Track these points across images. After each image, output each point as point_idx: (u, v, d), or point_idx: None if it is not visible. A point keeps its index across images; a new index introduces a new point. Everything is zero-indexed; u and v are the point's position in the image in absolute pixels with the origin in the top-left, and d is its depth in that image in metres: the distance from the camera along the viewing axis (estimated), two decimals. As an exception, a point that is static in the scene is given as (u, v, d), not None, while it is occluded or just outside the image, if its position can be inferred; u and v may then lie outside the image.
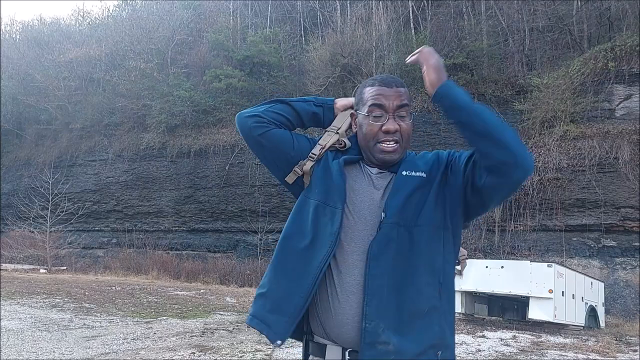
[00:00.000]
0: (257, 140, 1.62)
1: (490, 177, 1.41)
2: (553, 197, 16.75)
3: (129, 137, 26.96)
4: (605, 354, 8.04)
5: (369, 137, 1.54)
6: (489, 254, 16.73)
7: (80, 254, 25.80)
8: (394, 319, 1.40)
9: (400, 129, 1.52)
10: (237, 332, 8.18)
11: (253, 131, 1.61)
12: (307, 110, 1.68)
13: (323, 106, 1.70)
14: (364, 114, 1.55)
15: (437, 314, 1.46)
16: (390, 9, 23.30)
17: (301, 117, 1.68)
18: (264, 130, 1.61)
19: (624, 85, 16.94)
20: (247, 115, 1.63)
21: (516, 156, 1.37)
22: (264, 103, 1.68)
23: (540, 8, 21.15)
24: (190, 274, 19.93)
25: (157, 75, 27.39)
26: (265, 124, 1.61)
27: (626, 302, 15.42)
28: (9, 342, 6.37)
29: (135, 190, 26.06)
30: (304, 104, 1.69)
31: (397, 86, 1.54)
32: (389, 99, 1.52)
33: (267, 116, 1.62)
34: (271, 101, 1.69)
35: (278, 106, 1.66)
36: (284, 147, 1.62)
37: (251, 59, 25.46)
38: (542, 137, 17.53)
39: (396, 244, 1.44)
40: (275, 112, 1.64)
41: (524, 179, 1.43)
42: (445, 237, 1.48)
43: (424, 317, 1.43)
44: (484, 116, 1.41)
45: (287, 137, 1.63)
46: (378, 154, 1.53)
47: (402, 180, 1.50)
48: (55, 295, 11.71)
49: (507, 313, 12.20)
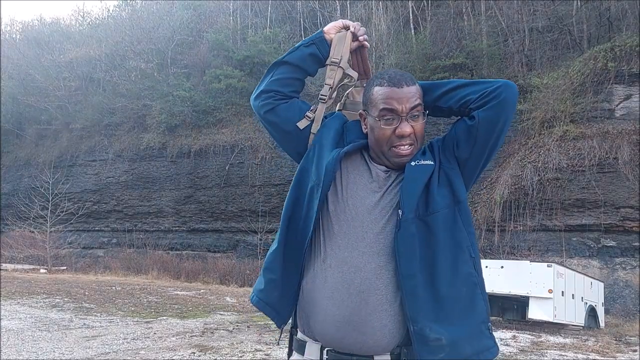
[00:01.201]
0: (268, 116, 1.59)
1: (485, 110, 1.45)
2: (553, 197, 16.76)
3: (129, 137, 26.97)
4: (605, 354, 8.04)
5: (382, 142, 1.47)
6: (488, 254, 16.73)
7: (81, 254, 25.81)
8: (437, 313, 1.38)
9: (415, 131, 1.46)
10: (237, 332, 8.19)
11: (263, 108, 1.59)
12: (303, 57, 1.62)
13: (315, 42, 1.62)
14: (375, 118, 1.47)
15: (478, 289, 1.45)
16: (390, 9, 23.32)
17: (302, 67, 1.62)
18: (272, 106, 1.59)
19: (623, 86, 16.95)
20: (254, 96, 1.62)
21: (499, 81, 1.47)
22: (263, 77, 1.64)
23: (540, 8, 21.16)
24: (190, 274, 19.93)
25: (157, 75, 27.40)
26: (273, 99, 1.59)
27: (626, 302, 15.42)
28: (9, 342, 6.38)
29: (136, 190, 26.06)
30: (296, 52, 1.62)
31: (407, 85, 1.46)
32: (401, 101, 1.44)
33: (273, 88, 1.59)
34: (269, 69, 1.63)
35: (277, 70, 1.61)
36: (294, 117, 1.59)
37: (251, 59, 25.46)
38: (542, 137, 17.54)
39: (418, 238, 1.40)
40: (277, 79, 1.60)
41: (513, 98, 1.47)
42: (460, 210, 1.46)
43: (466, 297, 1.42)
44: (452, 81, 1.53)
45: (296, 108, 1.61)
46: (393, 158, 1.47)
47: (412, 172, 1.45)
48: (55, 295, 11.72)
49: (507, 313, 12.19)
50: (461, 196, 1.46)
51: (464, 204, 1.47)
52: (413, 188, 1.42)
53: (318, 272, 1.46)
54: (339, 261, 1.43)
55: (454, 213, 1.44)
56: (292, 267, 1.51)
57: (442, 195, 1.44)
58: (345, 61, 1.61)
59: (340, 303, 1.40)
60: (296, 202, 1.54)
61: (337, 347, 1.42)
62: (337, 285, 1.41)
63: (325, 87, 1.60)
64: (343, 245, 1.43)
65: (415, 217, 1.41)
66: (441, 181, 1.46)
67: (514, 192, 17.06)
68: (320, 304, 1.43)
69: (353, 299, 1.39)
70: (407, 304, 1.37)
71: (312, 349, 1.46)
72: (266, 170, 22.55)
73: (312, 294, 1.46)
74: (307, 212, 1.50)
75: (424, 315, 1.37)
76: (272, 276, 1.53)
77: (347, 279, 1.40)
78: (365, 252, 1.41)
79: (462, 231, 1.44)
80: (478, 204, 17.90)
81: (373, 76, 1.56)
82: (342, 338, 1.40)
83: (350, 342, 1.40)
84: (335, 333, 1.41)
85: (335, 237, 1.45)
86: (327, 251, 1.45)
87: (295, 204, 1.54)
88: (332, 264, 1.43)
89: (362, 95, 1.57)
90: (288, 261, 1.51)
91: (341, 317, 1.40)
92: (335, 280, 1.42)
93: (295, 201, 1.54)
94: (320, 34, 1.63)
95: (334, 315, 1.40)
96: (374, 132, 1.49)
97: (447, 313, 1.39)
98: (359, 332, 1.39)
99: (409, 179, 1.44)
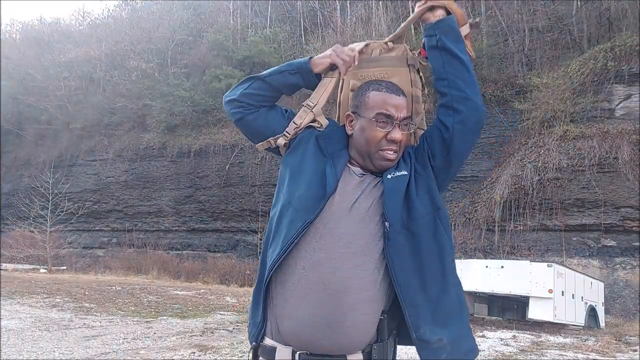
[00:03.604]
0: (238, 124, 1.61)
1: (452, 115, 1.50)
2: (553, 197, 16.75)
3: (129, 137, 26.99)
4: (605, 354, 8.04)
5: (371, 144, 1.50)
6: (488, 253, 16.74)
7: (81, 254, 25.83)
8: (433, 316, 1.41)
9: (402, 139, 1.52)
10: (237, 332, 8.19)
11: (232, 116, 1.61)
12: (284, 83, 1.60)
13: (300, 72, 1.59)
14: (369, 119, 1.51)
15: (461, 290, 1.51)
16: (390, 9, 23.32)
17: (280, 90, 1.61)
18: (241, 116, 1.59)
19: (623, 85, 16.95)
20: (226, 100, 1.61)
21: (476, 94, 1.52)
22: (240, 83, 1.62)
23: (540, 8, 21.17)
24: (190, 273, 19.96)
25: (157, 75, 27.42)
26: (242, 109, 1.58)
27: (626, 302, 15.42)
28: (9, 342, 6.37)
29: (136, 190, 26.07)
30: (278, 75, 1.59)
31: (403, 95, 1.54)
32: (398, 109, 1.50)
33: (244, 100, 1.58)
34: (246, 80, 1.61)
35: (254, 84, 1.59)
36: (263, 130, 1.60)
37: (251, 59, 25.48)
38: (542, 137, 17.54)
39: (406, 247, 1.43)
40: (251, 93, 1.58)
41: (478, 115, 1.51)
42: (440, 216, 1.49)
43: (455, 299, 1.47)
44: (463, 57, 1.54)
45: (263, 121, 1.60)
46: (379, 161, 1.51)
47: (391, 182, 1.48)
48: (56, 295, 11.72)
49: (507, 313, 12.20)
50: (439, 202, 1.50)
51: (443, 210, 1.51)
52: (395, 199, 1.45)
53: (288, 276, 1.44)
54: (314, 263, 1.41)
55: (434, 219, 1.47)
56: (260, 279, 1.52)
57: (422, 202, 1.47)
58: (320, 108, 1.59)
59: (315, 304, 1.39)
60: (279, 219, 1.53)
61: (310, 349, 1.41)
62: (312, 286, 1.40)
63: (291, 125, 1.58)
64: (318, 247, 1.42)
65: (402, 227, 1.44)
66: (419, 189, 1.49)
67: (514, 192, 17.05)
68: (292, 307, 1.42)
69: (329, 299, 1.39)
70: (409, 313, 1.40)
71: (283, 354, 1.44)
72: (266, 170, 22.55)
73: (283, 297, 1.44)
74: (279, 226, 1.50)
75: (423, 321, 1.40)
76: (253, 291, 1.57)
77: (323, 279, 1.40)
78: (343, 253, 1.41)
79: (444, 235, 1.48)
80: (478, 204, 17.89)
81: (368, 81, 1.59)
82: (316, 339, 1.40)
83: (325, 343, 1.40)
84: (309, 335, 1.40)
85: (310, 239, 1.44)
86: (299, 254, 1.43)
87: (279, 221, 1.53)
88: (306, 266, 1.42)
89: (355, 96, 1.59)
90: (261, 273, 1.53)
91: (316, 318, 1.39)
92: (310, 282, 1.40)
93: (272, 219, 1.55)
94: (307, 65, 1.58)
95: (308, 317, 1.39)
96: (364, 133, 1.51)
97: (442, 315, 1.43)
98: (334, 332, 1.39)
99: (389, 190, 1.47)
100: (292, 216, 1.46)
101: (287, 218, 1.47)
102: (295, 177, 1.52)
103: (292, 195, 1.49)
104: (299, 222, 1.43)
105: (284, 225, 1.47)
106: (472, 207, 18.12)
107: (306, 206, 1.45)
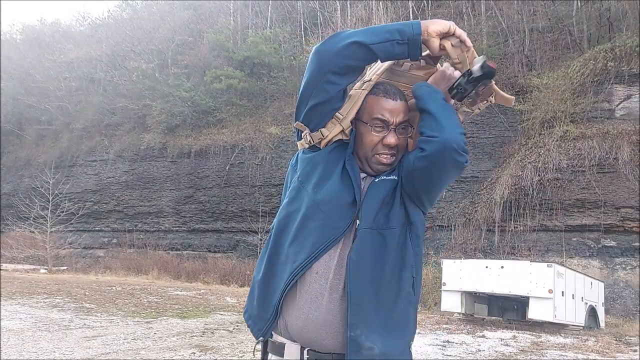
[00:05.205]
0: (327, 80, 1.44)
1: (419, 159, 1.42)
2: (553, 198, 16.76)
3: (130, 138, 27.01)
4: (605, 354, 8.05)
5: (368, 148, 1.52)
6: (489, 254, 16.74)
7: (81, 254, 25.83)
8: (376, 323, 1.42)
9: (399, 144, 1.52)
10: (237, 332, 8.20)
11: (329, 75, 1.43)
12: (388, 54, 1.42)
13: (408, 43, 1.40)
14: (366, 124, 1.51)
15: (412, 308, 1.50)
16: (390, 9, 23.35)
17: (381, 59, 1.46)
18: (337, 87, 1.47)
19: (623, 86, 16.95)
20: (334, 52, 1.42)
21: (444, 131, 1.38)
22: (344, 45, 1.40)
23: (540, 8, 21.18)
24: (190, 274, 19.95)
25: (157, 75, 27.43)
26: (330, 86, 1.45)
27: (626, 302, 15.42)
28: (10, 342, 6.38)
29: (136, 191, 26.09)
30: (384, 44, 1.39)
31: (400, 99, 1.52)
32: (393, 113, 1.49)
33: (348, 63, 1.43)
34: (351, 44, 1.40)
35: (356, 55, 1.40)
36: (333, 104, 1.50)
37: (251, 60, 25.50)
38: (542, 137, 17.55)
39: (372, 248, 1.44)
40: (350, 65, 1.44)
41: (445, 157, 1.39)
42: (411, 232, 1.50)
43: (402, 314, 1.47)
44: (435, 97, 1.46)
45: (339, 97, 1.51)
46: (375, 165, 1.52)
47: (376, 186, 1.50)
48: (56, 295, 11.73)
49: (507, 313, 12.20)
50: (413, 217, 1.50)
51: (417, 225, 1.51)
52: (372, 202, 1.47)
53: (301, 278, 1.47)
54: (327, 269, 1.45)
55: (405, 232, 1.49)
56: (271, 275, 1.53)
57: (398, 213, 1.49)
58: (348, 121, 1.52)
59: (324, 306, 1.43)
60: (288, 213, 1.53)
61: (317, 347, 1.45)
62: (322, 290, 1.44)
63: (316, 134, 1.52)
64: (334, 253, 1.46)
65: (372, 228, 1.45)
66: (400, 199, 1.50)
67: (514, 192, 17.06)
68: (301, 307, 1.46)
69: (336, 303, 1.43)
70: (350, 311, 1.41)
71: (292, 350, 1.48)
72: (266, 170, 22.56)
73: (293, 297, 1.47)
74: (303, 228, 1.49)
75: (363, 323, 1.41)
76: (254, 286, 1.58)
77: (333, 285, 1.44)
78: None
79: (410, 250, 1.48)
80: (478, 205, 17.90)
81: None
82: (322, 338, 1.44)
83: (331, 343, 1.44)
84: (316, 334, 1.44)
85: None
86: (318, 259, 1.46)
87: (287, 214, 1.53)
88: (319, 271, 1.46)
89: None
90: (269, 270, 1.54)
91: (323, 320, 1.43)
92: (322, 286, 1.45)
93: (288, 211, 1.54)
94: (418, 33, 1.40)
95: (316, 318, 1.44)
96: (362, 138, 1.53)
97: (384, 325, 1.43)
98: (340, 332, 1.43)
99: (370, 194, 1.49)
100: (323, 220, 1.46)
101: (315, 221, 1.47)
102: (323, 180, 1.50)
103: (320, 198, 1.48)
104: (331, 230, 1.45)
105: (313, 229, 1.47)
106: (472, 208, 18.13)
107: (340, 213, 1.46)
